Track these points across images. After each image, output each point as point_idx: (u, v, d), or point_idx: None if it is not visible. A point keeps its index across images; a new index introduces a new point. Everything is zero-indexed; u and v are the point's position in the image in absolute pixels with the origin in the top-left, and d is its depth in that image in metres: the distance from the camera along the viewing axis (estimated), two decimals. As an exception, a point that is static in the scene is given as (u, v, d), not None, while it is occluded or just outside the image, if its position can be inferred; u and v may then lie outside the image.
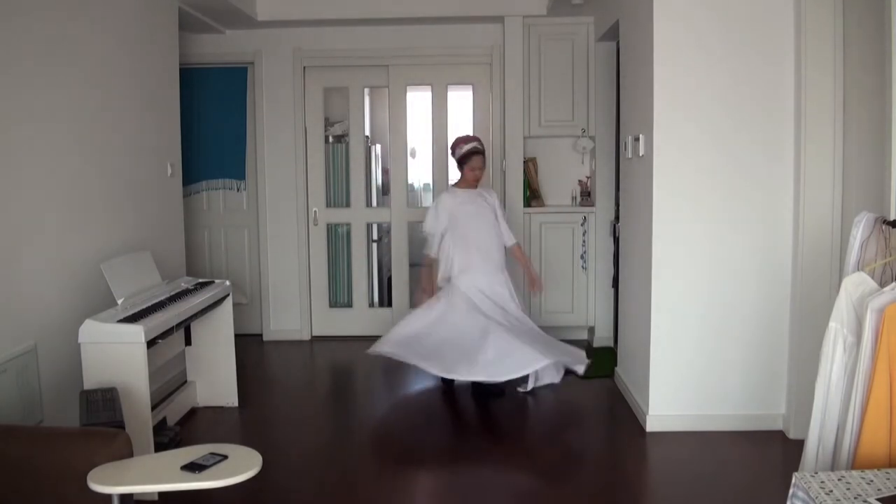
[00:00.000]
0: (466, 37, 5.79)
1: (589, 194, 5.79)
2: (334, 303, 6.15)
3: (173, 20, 4.71)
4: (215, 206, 6.10)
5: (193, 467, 2.35)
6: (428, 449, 3.95)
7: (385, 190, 6.41)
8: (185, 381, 4.34)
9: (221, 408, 4.37)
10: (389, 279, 6.15)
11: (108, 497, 2.26)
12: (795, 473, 2.12)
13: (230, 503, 3.14)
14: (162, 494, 3.00)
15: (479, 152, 4.62)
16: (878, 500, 1.93)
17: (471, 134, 4.85)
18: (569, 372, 4.63)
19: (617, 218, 5.09)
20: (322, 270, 6.08)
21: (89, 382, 3.15)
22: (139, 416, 3.17)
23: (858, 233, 2.62)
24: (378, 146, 6.53)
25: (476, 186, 4.69)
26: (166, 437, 3.65)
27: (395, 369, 4.86)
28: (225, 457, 2.42)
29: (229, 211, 6.10)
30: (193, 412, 4.31)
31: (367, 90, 6.17)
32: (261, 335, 6.08)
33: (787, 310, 3.87)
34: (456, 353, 4.28)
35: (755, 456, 3.67)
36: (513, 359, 4.17)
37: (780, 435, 3.90)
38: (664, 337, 3.95)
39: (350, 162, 6.04)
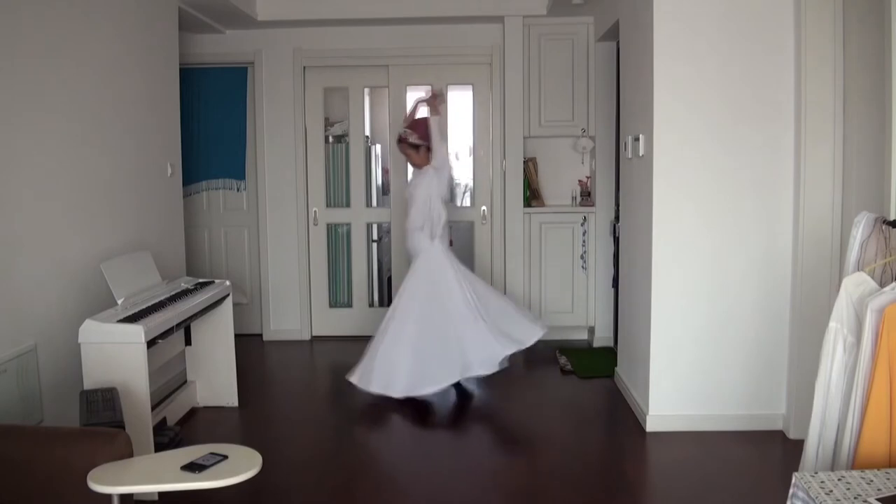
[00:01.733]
0: (466, 37, 5.79)
1: (589, 194, 5.79)
2: (334, 303, 6.15)
3: (173, 20, 4.71)
4: (215, 206, 6.10)
5: (193, 467, 2.34)
6: (427, 448, 3.95)
7: (385, 190, 6.42)
8: (185, 381, 4.34)
9: (221, 408, 4.37)
10: (389, 279, 6.15)
11: (108, 497, 2.26)
12: (795, 473, 2.12)
13: (230, 503, 3.14)
14: (162, 494, 3.00)
15: (400, 140, 4.70)
16: (878, 500, 1.93)
17: (415, 121, 4.75)
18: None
19: (617, 218, 5.09)
20: (322, 270, 6.09)
21: (89, 382, 3.15)
22: (139, 416, 3.17)
23: (858, 233, 2.62)
24: (378, 146, 6.53)
25: (421, 165, 4.67)
26: (166, 437, 3.65)
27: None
28: (225, 457, 2.42)
29: (229, 211, 6.10)
30: (193, 412, 4.31)
31: (367, 90, 6.17)
32: (261, 335, 6.08)
33: (787, 310, 3.87)
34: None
35: (755, 456, 3.67)
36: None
37: (780, 435, 3.90)
38: (664, 337, 3.95)
39: (350, 162, 6.04)
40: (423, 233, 4.55)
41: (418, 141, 4.60)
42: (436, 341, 4.38)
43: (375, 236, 6.29)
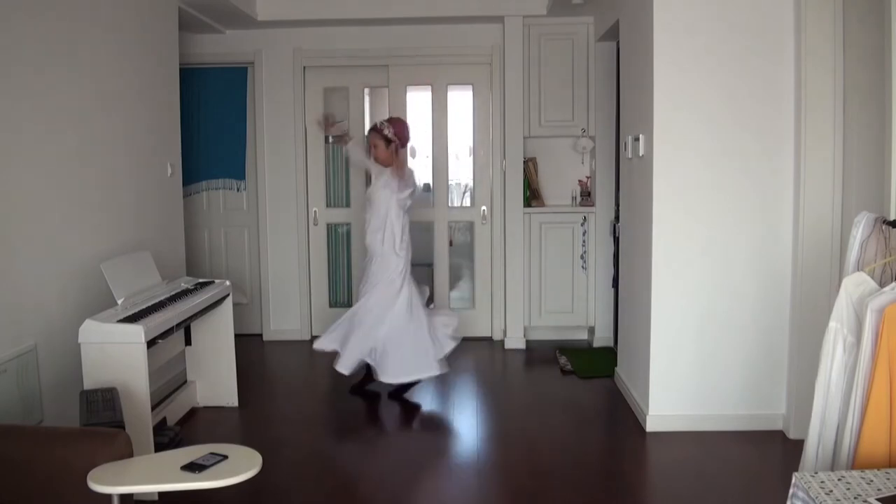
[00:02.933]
0: (466, 37, 5.79)
1: (589, 194, 5.79)
2: (334, 303, 6.15)
3: (173, 20, 4.71)
4: (215, 206, 6.10)
5: (193, 467, 2.34)
6: (426, 448, 3.95)
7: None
8: (185, 381, 4.34)
9: (221, 408, 4.37)
10: (389, 279, 6.14)
11: (108, 497, 2.26)
12: (795, 473, 2.12)
13: (230, 503, 3.14)
14: (162, 494, 3.00)
15: (374, 128, 4.60)
16: (878, 500, 1.93)
17: (395, 118, 4.71)
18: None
19: (617, 218, 5.09)
20: (322, 270, 6.09)
21: (89, 382, 3.15)
22: (139, 416, 3.17)
23: (858, 233, 2.62)
24: (378, 146, 6.52)
25: (387, 165, 4.55)
26: (166, 437, 3.65)
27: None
28: (225, 457, 2.42)
29: (229, 211, 6.10)
30: (193, 412, 4.31)
31: (367, 90, 6.17)
32: (261, 335, 6.08)
33: (787, 310, 3.87)
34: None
35: (755, 456, 3.67)
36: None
37: (780, 435, 3.90)
38: (664, 337, 3.95)
39: (350, 162, 6.03)
40: (385, 239, 4.50)
41: (392, 136, 4.54)
42: (360, 332, 4.43)
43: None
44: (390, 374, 4.43)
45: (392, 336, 4.42)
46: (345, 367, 4.43)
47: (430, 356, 4.44)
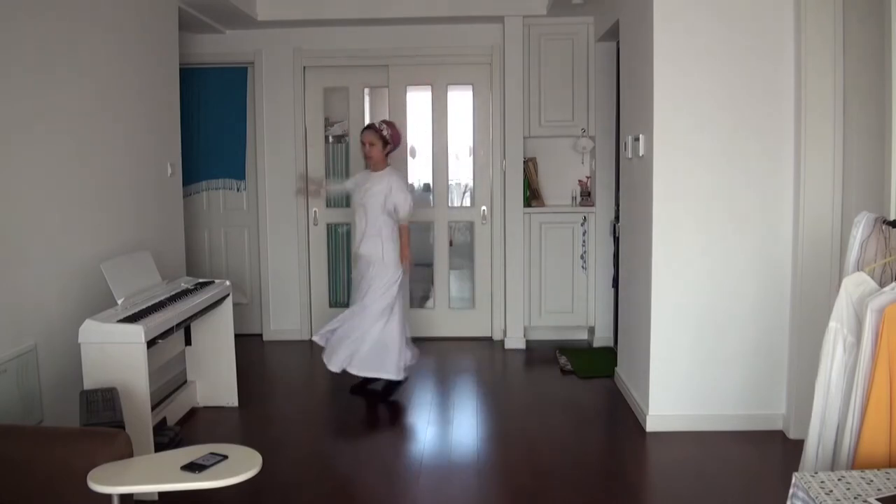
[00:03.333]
0: (466, 37, 5.79)
1: (589, 194, 5.79)
2: (334, 303, 6.14)
3: (173, 20, 4.71)
4: (215, 206, 6.10)
5: (193, 467, 2.35)
6: (426, 448, 3.95)
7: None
8: (185, 381, 4.34)
9: (221, 408, 4.37)
10: (389, 279, 6.14)
11: (108, 497, 2.26)
12: (795, 473, 2.12)
13: (230, 503, 3.14)
14: (162, 494, 3.00)
15: (370, 127, 4.64)
16: (878, 500, 1.93)
17: (389, 121, 4.73)
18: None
19: (617, 218, 5.09)
20: (322, 270, 6.09)
21: (89, 382, 3.15)
22: (139, 416, 3.17)
23: (858, 233, 2.62)
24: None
25: (378, 168, 4.59)
26: (166, 437, 3.65)
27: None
28: (225, 457, 2.42)
29: (229, 211, 6.10)
30: (193, 412, 4.31)
31: (367, 90, 6.17)
32: (261, 335, 6.08)
33: (787, 310, 3.87)
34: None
35: (755, 456, 3.67)
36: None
37: (780, 435, 3.90)
38: (664, 337, 3.95)
39: (350, 162, 6.04)
40: (384, 244, 4.50)
41: (389, 138, 4.56)
42: (353, 335, 4.52)
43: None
44: (355, 366, 4.49)
45: (366, 334, 4.49)
46: (335, 365, 4.51)
47: (395, 359, 4.49)
